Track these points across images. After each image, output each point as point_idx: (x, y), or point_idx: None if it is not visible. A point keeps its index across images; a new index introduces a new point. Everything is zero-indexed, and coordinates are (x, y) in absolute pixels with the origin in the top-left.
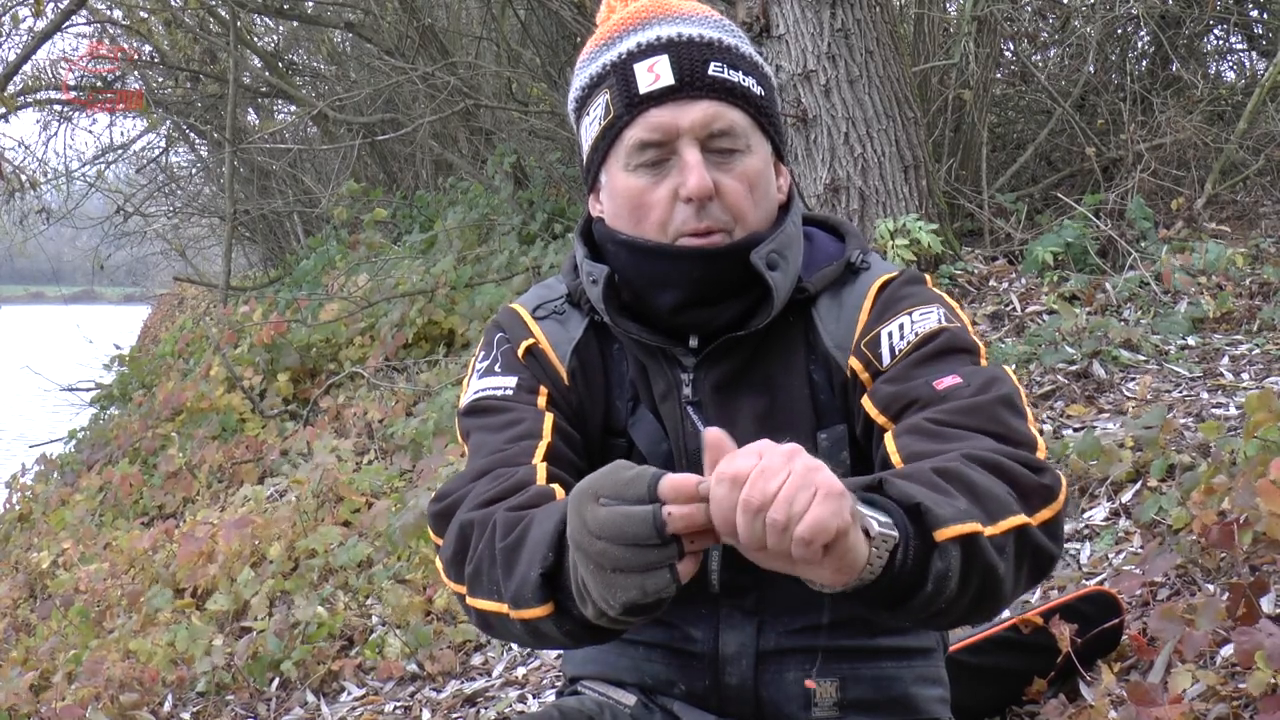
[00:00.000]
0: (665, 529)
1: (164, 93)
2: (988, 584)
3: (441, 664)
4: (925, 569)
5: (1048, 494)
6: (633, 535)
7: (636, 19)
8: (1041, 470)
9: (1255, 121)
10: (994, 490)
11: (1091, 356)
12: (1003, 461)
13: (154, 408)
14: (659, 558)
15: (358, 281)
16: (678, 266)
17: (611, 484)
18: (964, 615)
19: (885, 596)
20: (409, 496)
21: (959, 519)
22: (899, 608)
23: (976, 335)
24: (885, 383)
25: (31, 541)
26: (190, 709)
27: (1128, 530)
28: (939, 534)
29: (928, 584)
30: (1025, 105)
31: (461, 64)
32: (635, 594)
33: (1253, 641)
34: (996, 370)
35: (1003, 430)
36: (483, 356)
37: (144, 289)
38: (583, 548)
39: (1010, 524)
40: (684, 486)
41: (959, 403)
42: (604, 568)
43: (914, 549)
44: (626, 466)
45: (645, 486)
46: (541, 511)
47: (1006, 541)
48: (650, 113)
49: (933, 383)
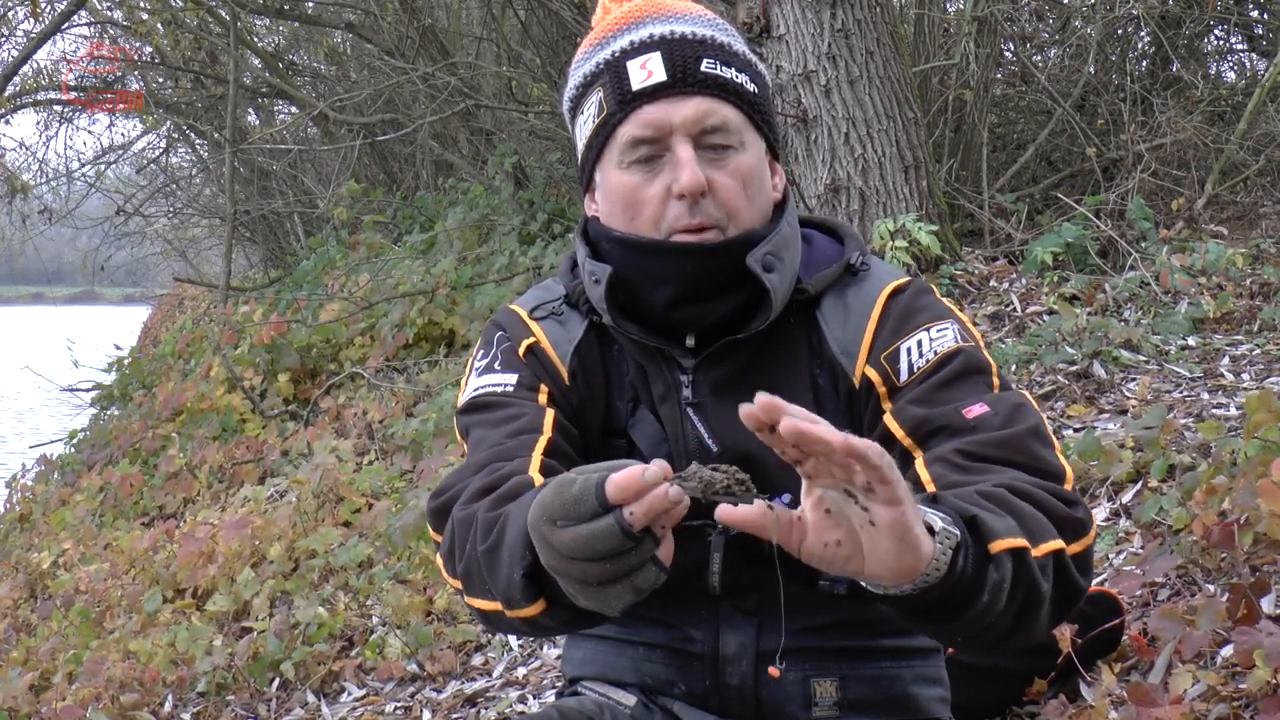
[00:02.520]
0: (633, 530)
1: (164, 93)
2: (1031, 602)
3: (442, 664)
4: (982, 578)
5: (1080, 528)
6: (605, 549)
7: (630, 18)
8: (1074, 504)
9: (1255, 122)
10: (1033, 515)
11: (1092, 357)
12: (1037, 493)
13: (154, 408)
14: (638, 558)
15: (358, 282)
16: (671, 262)
17: (561, 506)
18: (1004, 635)
19: (944, 605)
20: (409, 497)
21: (1011, 533)
22: (954, 620)
23: (986, 350)
24: (910, 403)
25: (32, 542)
26: (190, 709)
27: (1128, 530)
28: (994, 545)
29: (984, 594)
30: (1025, 106)
31: (462, 64)
32: (629, 596)
33: (1253, 642)
34: (1018, 397)
35: (1034, 463)
36: (481, 355)
37: (144, 289)
38: (561, 572)
39: (1050, 547)
40: (631, 484)
41: (990, 435)
42: (589, 583)
43: (973, 555)
44: (568, 482)
45: (594, 499)
46: (515, 507)
47: (1047, 564)
48: (643, 109)
49: (962, 410)
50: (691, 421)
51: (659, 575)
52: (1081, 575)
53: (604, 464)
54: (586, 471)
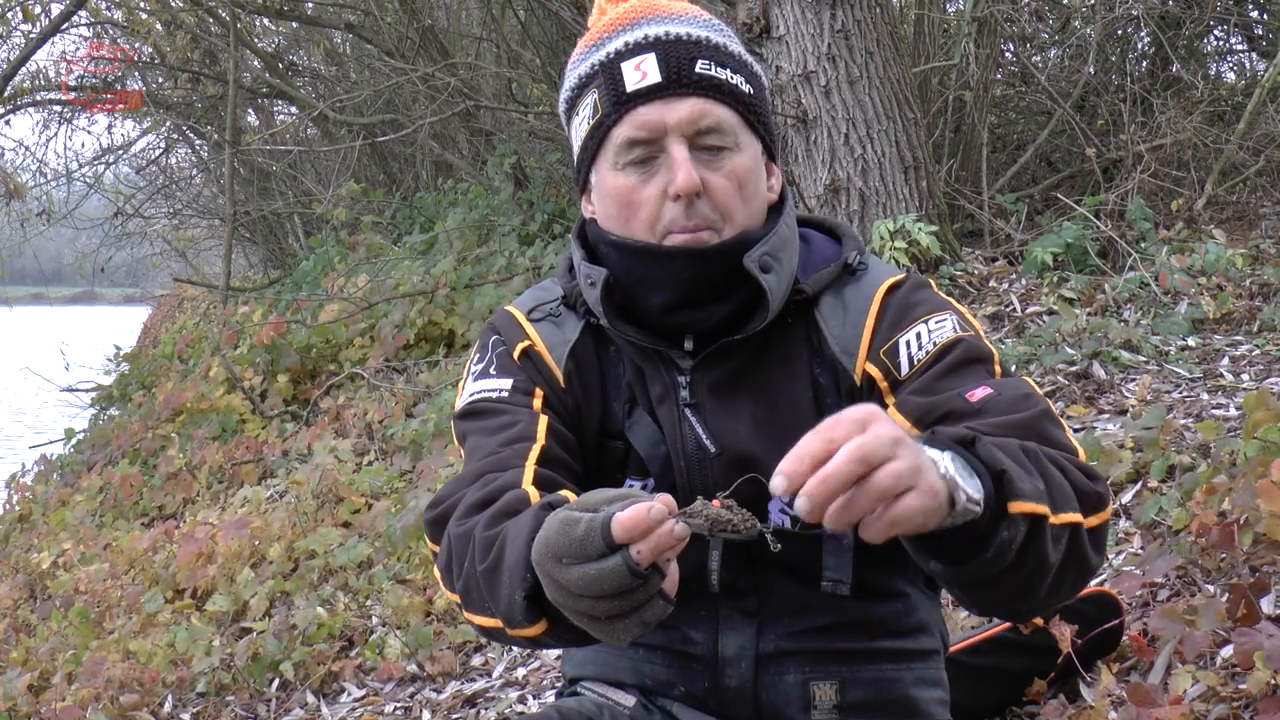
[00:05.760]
0: (640, 568)
1: (164, 94)
2: (1038, 569)
3: (441, 665)
4: (993, 534)
5: (1100, 501)
6: (613, 588)
7: (626, 19)
8: (1095, 479)
9: (1255, 122)
10: (1061, 482)
11: (1091, 357)
12: (1064, 462)
13: (154, 408)
14: (645, 594)
15: (358, 282)
16: (667, 267)
17: (567, 545)
18: (1008, 596)
19: (946, 549)
20: (409, 497)
21: (1035, 498)
22: (954, 564)
23: (987, 339)
24: (912, 394)
25: (32, 542)
26: (190, 710)
27: (1128, 531)
28: (1013, 506)
29: (990, 550)
30: (1025, 106)
31: (461, 65)
32: (638, 629)
33: (1253, 642)
34: (1021, 382)
35: (1049, 443)
36: (478, 359)
37: (144, 290)
38: (569, 608)
39: (1069, 518)
40: (637, 524)
41: (1001, 418)
42: (597, 618)
43: (990, 513)
44: (573, 522)
45: (600, 539)
46: (514, 526)
47: (1063, 534)
48: (638, 110)
49: (965, 395)
50: (689, 423)
51: (666, 608)
52: (1095, 551)
53: (606, 495)
54: (589, 506)
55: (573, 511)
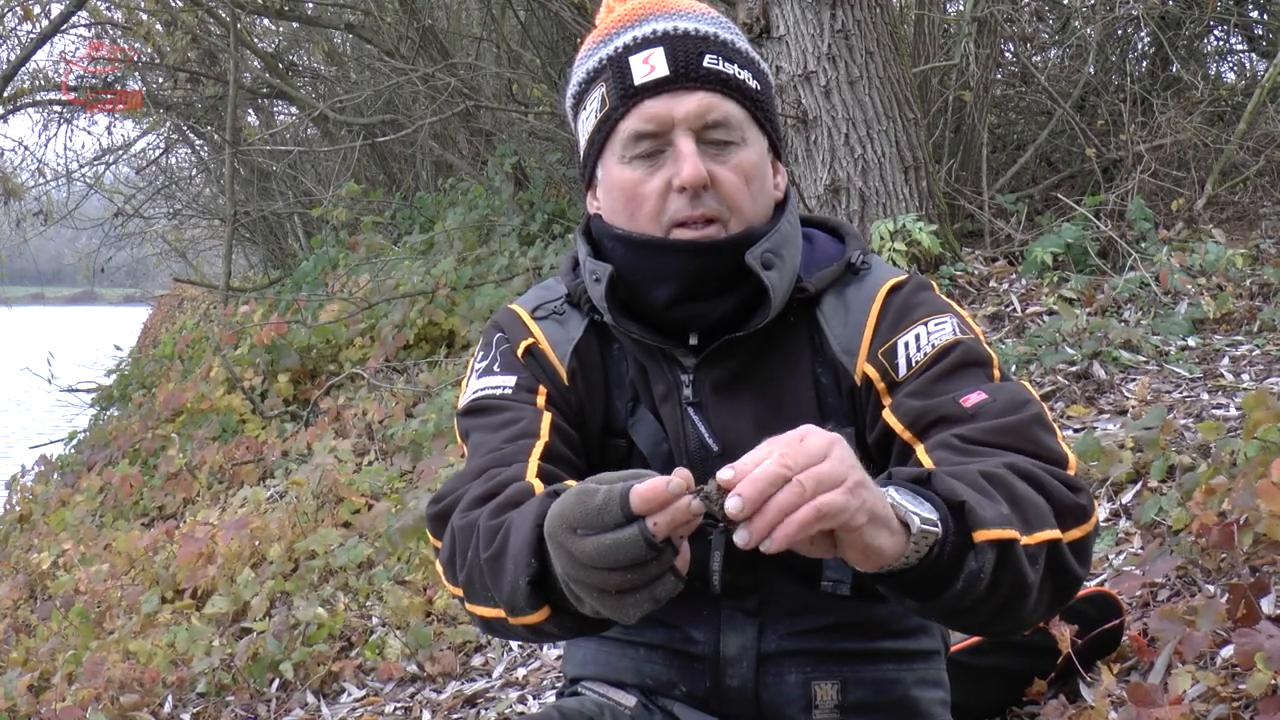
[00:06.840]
0: (655, 540)
1: (164, 94)
2: (1016, 592)
3: (442, 665)
4: (959, 566)
5: (1081, 514)
6: (628, 559)
7: (634, 16)
8: (1078, 490)
9: (1255, 122)
10: (1034, 501)
11: (1092, 357)
12: (1042, 476)
13: (154, 409)
14: (659, 568)
15: (358, 282)
16: (672, 260)
17: (584, 515)
18: (989, 620)
19: (916, 587)
20: (409, 497)
21: (1000, 523)
22: (927, 600)
23: (988, 344)
24: (908, 396)
25: (32, 542)
26: (190, 710)
27: (1128, 531)
28: (978, 535)
29: (959, 581)
30: (1025, 106)
31: (462, 65)
32: (648, 605)
33: (1253, 643)
34: (1019, 387)
35: (1037, 449)
36: (481, 357)
37: (144, 290)
38: (580, 580)
39: (1045, 537)
40: (655, 495)
41: (992, 422)
42: (608, 593)
43: (951, 545)
44: (590, 492)
45: (619, 509)
46: (518, 515)
47: (1039, 554)
48: (645, 103)
49: (959, 399)
50: (692, 421)
51: (677, 584)
52: (1079, 564)
53: (624, 473)
54: (608, 481)
55: (590, 484)
